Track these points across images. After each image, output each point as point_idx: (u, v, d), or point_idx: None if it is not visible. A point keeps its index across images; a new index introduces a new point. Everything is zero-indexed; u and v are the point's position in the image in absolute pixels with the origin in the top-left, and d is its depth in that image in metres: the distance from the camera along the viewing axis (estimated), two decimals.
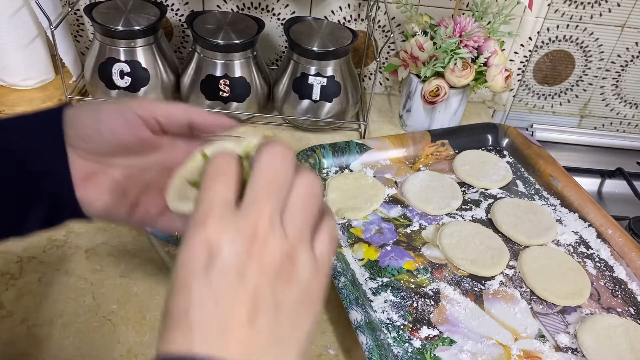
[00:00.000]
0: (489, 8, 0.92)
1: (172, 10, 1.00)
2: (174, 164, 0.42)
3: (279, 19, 1.00)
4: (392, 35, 0.91)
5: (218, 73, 0.89)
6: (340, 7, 0.99)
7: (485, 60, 0.90)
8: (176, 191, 0.40)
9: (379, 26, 1.01)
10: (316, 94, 0.90)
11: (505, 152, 0.94)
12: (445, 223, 0.78)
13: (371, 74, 1.07)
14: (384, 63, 1.05)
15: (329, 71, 0.90)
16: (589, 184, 1.01)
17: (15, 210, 0.41)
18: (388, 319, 0.64)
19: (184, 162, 0.41)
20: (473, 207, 0.82)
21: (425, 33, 0.92)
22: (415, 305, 0.66)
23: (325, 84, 0.90)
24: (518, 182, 0.88)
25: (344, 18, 1.00)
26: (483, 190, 0.86)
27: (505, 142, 0.95)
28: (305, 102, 0.91)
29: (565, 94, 1.10)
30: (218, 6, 0.99)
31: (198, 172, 0.40)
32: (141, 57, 0.89)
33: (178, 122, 0.41)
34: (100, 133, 0.40)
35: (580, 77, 1.07)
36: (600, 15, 0.99)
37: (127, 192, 0.43)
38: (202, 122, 0.41)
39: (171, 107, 0.40)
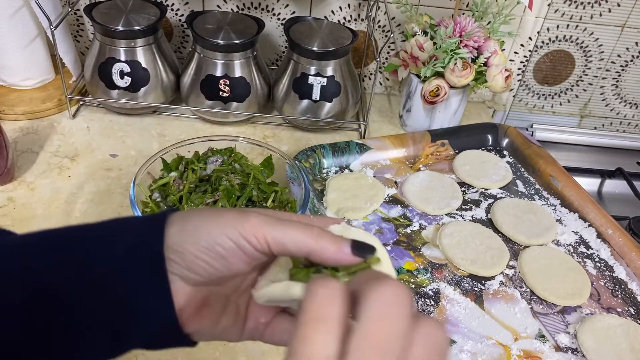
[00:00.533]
0: (489, 8, 0.92)
1: (172, 10, 1.00)
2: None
3: (279, 19, 1.00)
4: (392, 35, 0.91)
5: (218, 73, 0.89)
6: (340, 7, 0.99)
7: (485, 60, 0.90)
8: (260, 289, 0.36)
9: (379, 26, 1.01)
10: (316, 94, 0.90)
11: (505, 152, 0.94)
12: (445, 223, 0.78)
13: (371, 74, 1.07)
14: (384, 63, 1.05)
15: (329, 71, 0.90)
16: (589, 184, 1.01)
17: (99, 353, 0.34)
18: None
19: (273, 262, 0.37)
20: (473, 207, 0.82)
21: (425, 33, 0.92)
22: (415, 305, 0.66)
23: (325, 84, 0.90)
24: (518, 182, 0.88)
25: (344, 18, 1.00)
26: (483, 190, 0.86)
27: (505, 142, 0.95)
28: (305, 102, 0.91)
29: (565, 94, 1.10)
30: (218, 6, 0.99)
31: (285, 268, 0.36)
32: (141, 57, 0.89)
33: (291, 252, 0.33)
34: (214, 267, 0.33)
35: (580, 77, 1.07)
36: (600, 15, 0.99)
37: (239, 306, 0.37)
38: (320, 256, 0.32)
39: (286, 236, 0.32)
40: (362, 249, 0.32)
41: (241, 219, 0.33)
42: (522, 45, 1.03)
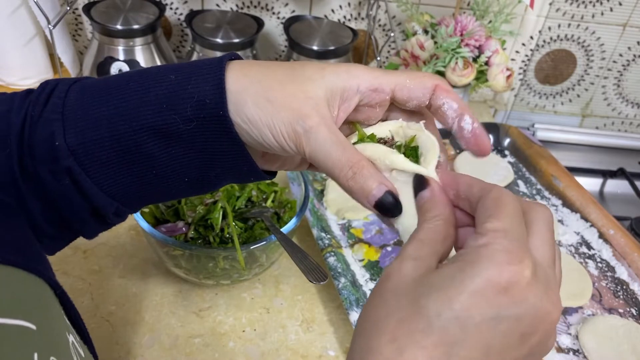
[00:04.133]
0: (490, 7, 0.92)
1: (171, 9, 0.99)
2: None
3: (278, 17, 1.00)
4: (392, 34, 0.91)
5: None
6: (340, 6, 0.98)
7: (487, 59, 0.89)
8: None
9: (380, 25, 1.00)
10: None
11: (506, 152, 0.94)
12: None
13: None
14: (384, 62, 1.05)
15: None
16: (590, 184, 1.01)
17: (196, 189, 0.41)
18: None
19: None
20: None
21: (426, 32, 0.91)
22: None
23: None
24: (519, 182, 0.88)
25: (344, 17, 1.00)
26: None
27: (506, 141, 0.94)
28: None
29: (567, 93, 1.10)
30: (217, 5, 0.99)
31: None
32: (140, 56, 0.89)
33: (323, 172, 0.37)
34: (266, 150, 0.37)
35: (582, 76, 1.07)
36: (602, 14, 0.98)
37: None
38: (348, 193, 0.36)
39: (323, 161, 0.35)
40: (385, 210, 0.34)
41: (291, 124, 0.35)
42: (523, 44, 1.03)
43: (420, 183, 0.34)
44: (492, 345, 0.27)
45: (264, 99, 0.35)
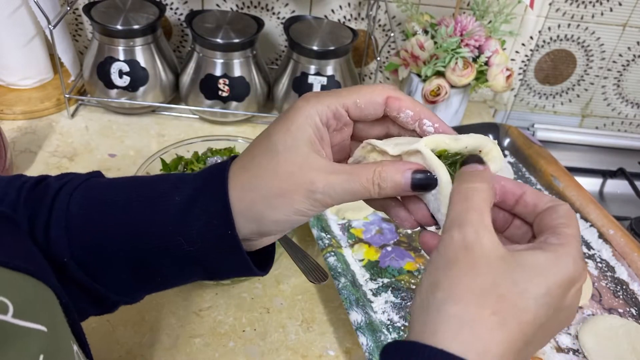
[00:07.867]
0: (489, 7, 0.92)
1: (171, 9, 0.99)
2: None
3: (278, 17, 1.00)
4: (392, 35, 0.91)
5: (217, 72, 0.89)
6: (340, 6, 0.98)
7: (487, 59, 0.89)
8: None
9: (380, 25, 1.00)
10: None
11: (506, 152, 0.94)
12: None
13: (371, 73, 1.07)
14: (384, 62, 1.05)
15: (329, 70, 0.89)
16: (590, 184, 1.01)
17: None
18: (389, 319, 0.64)
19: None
20: None
21: (425, 32, 0.91)
22: None
23: (325, 83, 0.89)
24: (519, 182, 0.87)
25: (344, 17, 1.00)
26: None
27: (506, 142, 0.94)
28: None
29: (567, 93, 1.10)
30: (217, 5, 0.99)
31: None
32: (140, 56, 0.89)
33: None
34: (267, 237, 0.40)
35: (582, 76, 1.07)
36: (602, 14, 0.98)
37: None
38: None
39: (339, 196, 0.37)
40: (423, 186, 0.36)
41: (308, 198, 0.36)
42: (523, 44, 1.03)
43: (476, 159, 0.36)
44: (553, 330, 0.33)
45: (274, 197, 0.37)
